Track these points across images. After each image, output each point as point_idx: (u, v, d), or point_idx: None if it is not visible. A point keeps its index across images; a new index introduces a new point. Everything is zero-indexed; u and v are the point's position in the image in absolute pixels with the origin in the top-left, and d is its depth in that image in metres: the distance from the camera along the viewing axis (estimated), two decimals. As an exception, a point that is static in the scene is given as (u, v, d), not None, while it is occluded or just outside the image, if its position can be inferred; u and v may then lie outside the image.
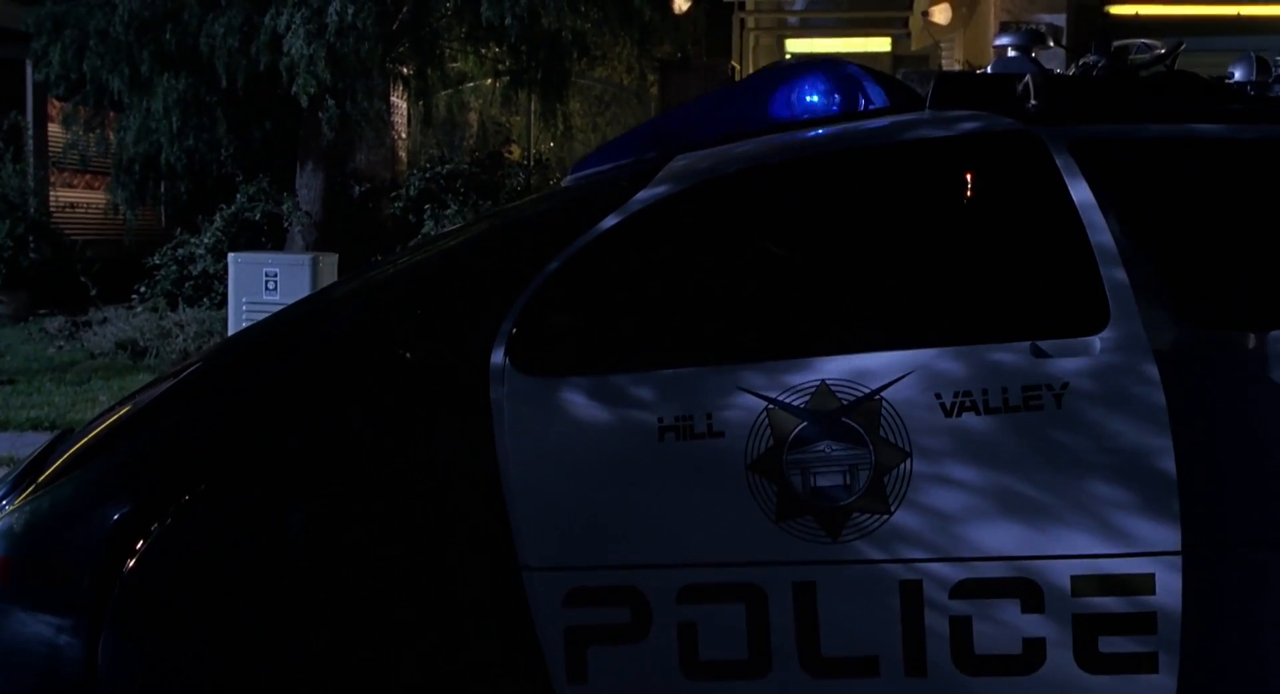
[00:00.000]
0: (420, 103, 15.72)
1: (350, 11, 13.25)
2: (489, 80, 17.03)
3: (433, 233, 14.99)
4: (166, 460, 3.50)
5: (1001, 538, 3.27)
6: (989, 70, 4.19)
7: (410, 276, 3.86)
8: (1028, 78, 3.71)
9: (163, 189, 16.32)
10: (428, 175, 15.41)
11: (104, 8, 14.28)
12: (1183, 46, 4.21)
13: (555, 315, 3.49)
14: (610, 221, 3.54)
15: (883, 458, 3.31)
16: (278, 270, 8.97)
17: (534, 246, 3.57)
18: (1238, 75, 4.05)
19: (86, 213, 19.19)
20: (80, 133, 17.01)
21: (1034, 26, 4.27)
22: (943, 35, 19.28)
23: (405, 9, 14.09)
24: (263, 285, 8.96)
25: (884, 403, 3.32)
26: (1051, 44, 4.31)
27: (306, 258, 9.05)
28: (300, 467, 3.45)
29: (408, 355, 3.54)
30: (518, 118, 17.41)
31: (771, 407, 3.34)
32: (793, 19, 22.66)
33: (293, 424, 3.50)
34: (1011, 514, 3.27)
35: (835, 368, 3.37)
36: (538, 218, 3.92)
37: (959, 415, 3.29)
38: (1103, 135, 3.48)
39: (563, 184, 4.23)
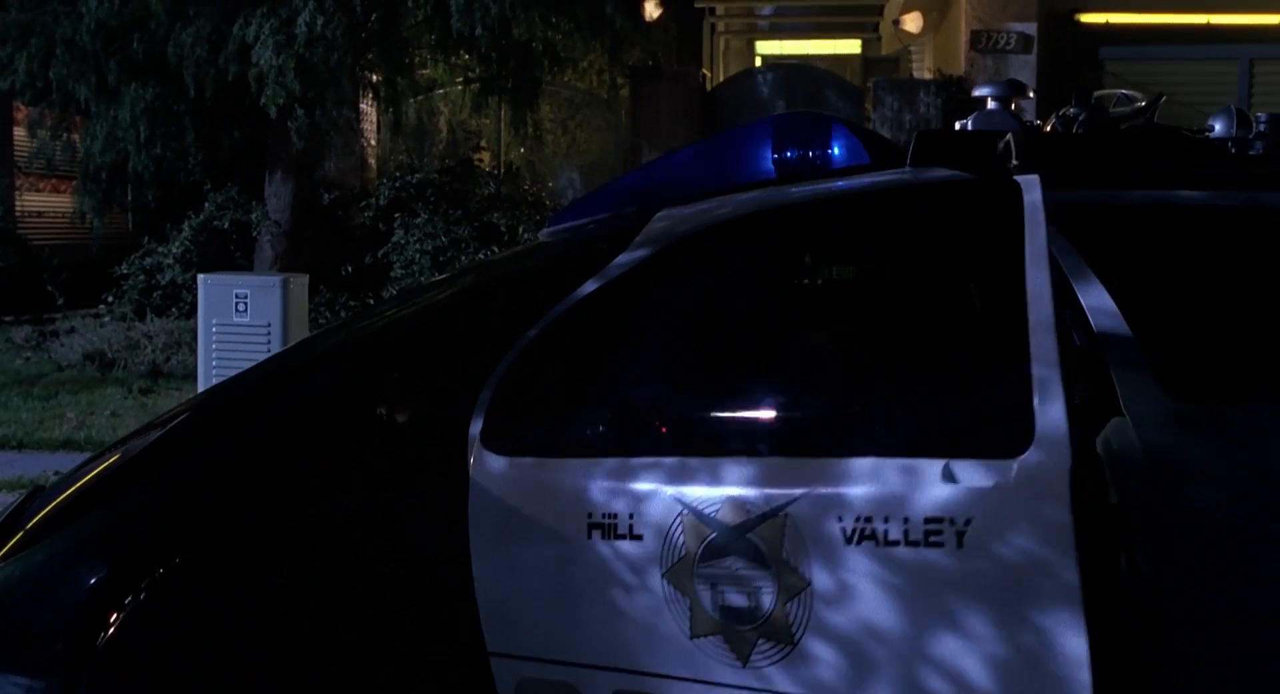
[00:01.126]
0: (390, 110, 15.63)
1: (320, 22, 13.17)
2: (459, 87, 16.96)
3: (402, 240, 14.93)
4: (140, 530, 3.45)
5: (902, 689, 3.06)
6: (969, 123, 4.15)
7: (391, 338, 3.81)
8: (1009, 136, 3.68)
9: (130, 197, 16.21)
10: (398, 184, 15.34)
11: (70, 16, 14.14)
12: (1163, 99, 4.18)
13: (527, 388, 3.42)
14: (589, 288, 3.50)
15: (786, 582, 3.10)
16: (248, 292, 8.89)
17: (514, 313, 3.52)
18: (1218, 129, 4.02)
19: (53, 219, 19.07)
20: (47, 138, 16.89)
21: (1014, 80, 4.24)
22: (913, 41, 19.31)
23: (374, 18, 14.01)
24: (233, 307, 8.89)
25: (788, 520, 3.10)
26: (1032, 94, 4.27)
27: (277, 279, 8.97)
28: (277, 537, 3.41)
29: (388, 422, 3.50)
30: (487, 120, 17.33)
31: (685, 512, 3.19)
32: (763, 22, 22.64)
33: (269, 493, 3.45)
34: (913, 664, 3.05)
35: (745, 475, 3.18)
36: (518, 280, 3.87)
37: (858, 543, 3.05)
38: (1087, 201, 3.44)
39: (540, 237, 4.18)
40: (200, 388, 9.09)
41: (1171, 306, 3.37)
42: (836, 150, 3.86)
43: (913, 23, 17.51)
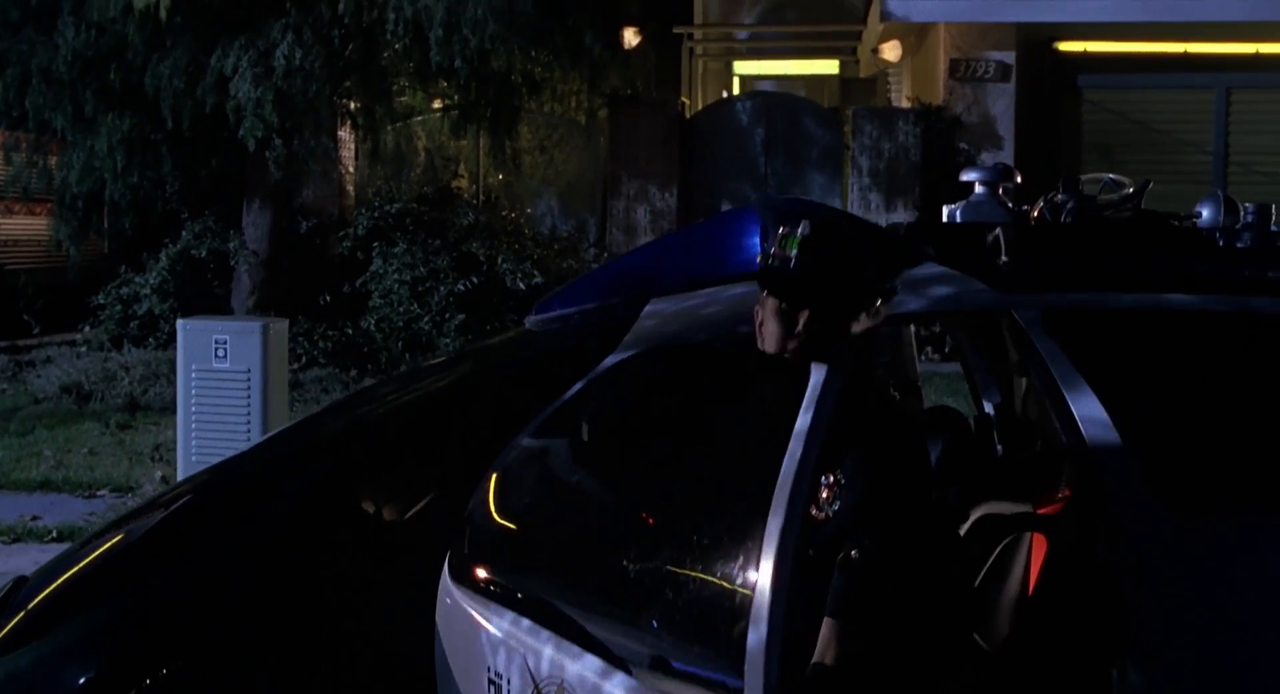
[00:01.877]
0: (368, 137, 15.61)
1: (298, 54, 13.15)
2: (437, 114, 16.94)
3: (380, 269, 14.88)
4: (125, 637, 3.41)
5: None
6: (957, 213, 4.13)
7: (384, 440, 3.76)
8: (998, 231, 3.66)
9: (106, 224, 16.15)
10: (376, 214, 15.30)
11: (46, 46, 14.10)
12: (1150, 185, 4.17)
13: (509, 503, 3.38)
14: (575, 389, 3.48)
15: None
16: (227, 337, 8.80)
17: (504, 417, 3.50)
18: (1205, 215, 4.01)
19: (29, 244, 18.96)
20: (23, 163, 16.85)
21: (1002, 165, 4.22)
22: (891, 67, 19.34)
23: (352, 48, 13.98)
24: (212, 353, 8.81)
25: None
26: (1019, 179, 4.26)
27: (257, 325, 8.89)
28: (265, 644, 3.37)
29: (378, 526, 3.47)
30: (465, 142, 17.30)
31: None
32: (741, 44, 22.66)
33: (259, 598, 3.42)
34: None
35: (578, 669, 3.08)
36: (509, 380, 3.83)
37: None
38: (1078, 305, 3.41)
39: (527, 324, 4.15)
40: (180, 435, 9.03)
41: (1164, 414, 3.34)
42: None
43: (891, 52, 17.53)
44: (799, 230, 3.06)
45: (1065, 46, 15.88)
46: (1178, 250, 3.77)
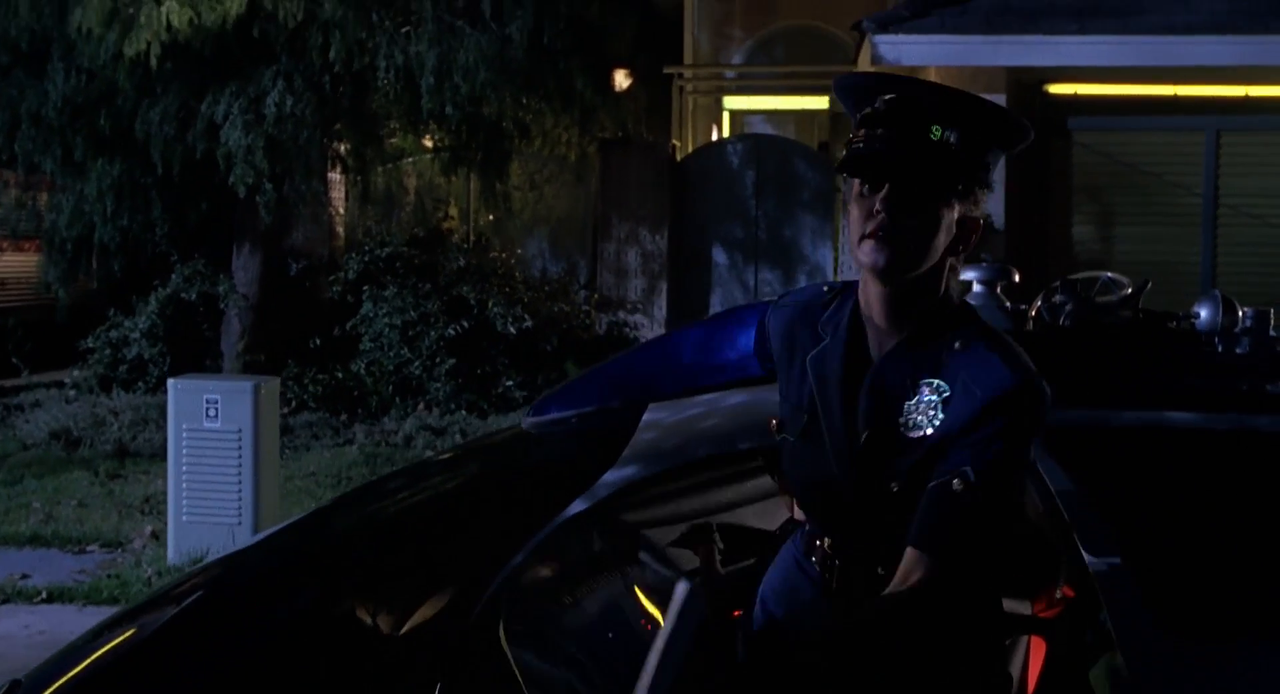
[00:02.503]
0: (358, 180, 15.61)
1: (289, 101, 13.16)
2: (428, 156, 16.95)
3: (370, 313, 14.84)
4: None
5: None
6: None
7: (385, 549, 3.72)
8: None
9: (95, 265, 16.13)
10: (366, 258, 15.28)
11: (36, 90, 14.10)
12: (1149, 285, 4.16)
13: (510, 624, 3.34)
14: (576, 508, 3.45)
15: None
16: (219, 397, 8.79)
17: (501, 534, 3.47)
18: (1203, 316, 4.00)
19: (16, 284, 18.92)
20: (11, 203, 16.85)
21: (999, 264, 4.20)
22: (881, 106, 19.35)
23: (343, 94, 13.99)
24: (203, 412, 8.80)
25: None
26: (1016, 277, 4.24)
27: (248, 385, 8.87)
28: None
29: (377, 642, 3.42)
30: (455, 181, 17.31)
31: None
32: (730, 74, 22.68)
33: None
34: None
35: None
36: (508, 493, 3.80)
37: None
38: (1078, 423, 3.38)
39: (524, 425, 4.12)
40: (170, 493, 9.01)
41: (1166, 536, 3.32)
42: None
43: (881, 94, 17.55)
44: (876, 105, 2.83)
45: (1055, 89, 15.90)
46: (1177, 362, 3.75)
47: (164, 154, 13.88)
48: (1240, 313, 3.97)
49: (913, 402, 2.81)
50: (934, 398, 2.80)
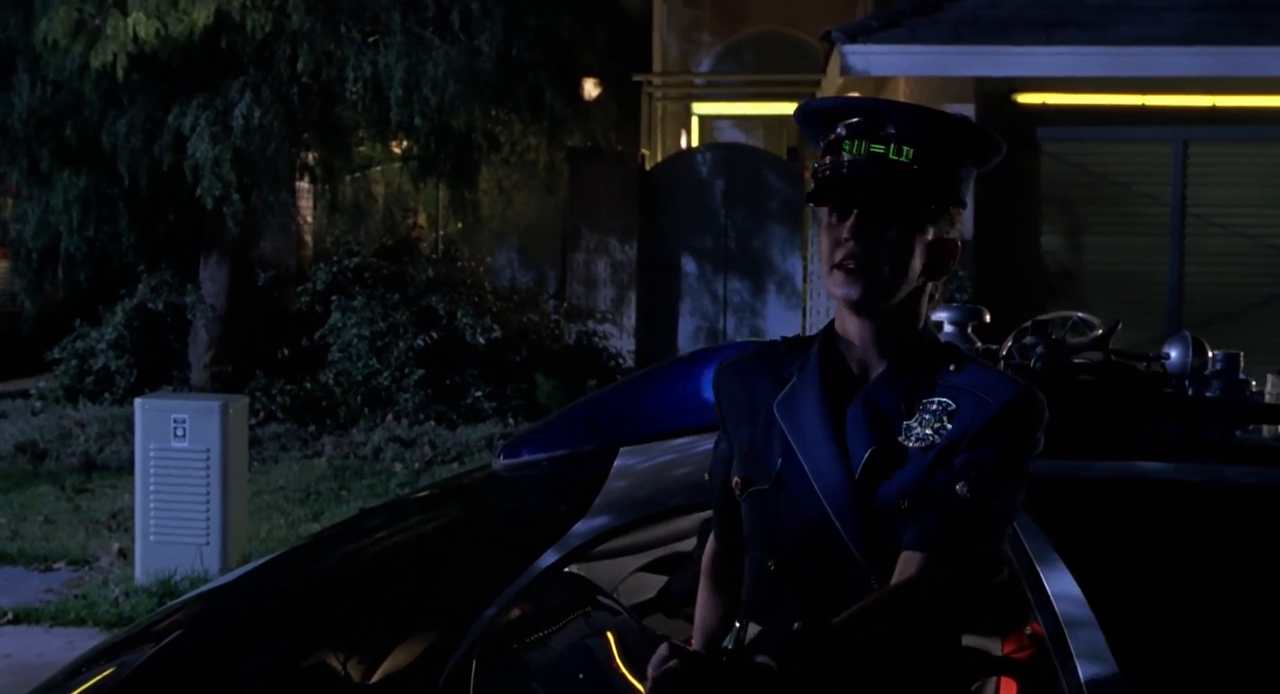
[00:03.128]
0: (326, 190, 15.55)
1: (257, 113, 13.10)
2: (396, 165, 16.89)
3: (339, 323, 14.78)
4: None
5: None
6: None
7: (354, 599, 3.69)
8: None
9: (61, 276, 16.04)
10: (335, 269, 15.22)
11: (1, 101, 14.01)
12: (1119, 326, 4.15)
13: (481, 676, 3.33)
14: (548, 559, 3.44)
15: None
16: (186, 417, 8.74)
17: (474, 583, 3.45)
18: (1173, 357, 4.00)
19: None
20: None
21: (971, 305, 4.20)
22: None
23: (312, 105, 13.93)
24: (171, 432, 8.75)
25: None
26: (988, 317, 4.24)
27: (216, 404, 8.82)
28: None
29: (346, 689, 3.40)
30: (424, 190, 17.24)
31: None
32: (699, 90, 22.70)
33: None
34: None
35: None
36: (481, 540, 3.78)
37: None
38: (1050, 474, 3.35)
39: (494, 467, 4.11)
40: (138, 513, 8.96)
41: (1140, 591, 3.31)
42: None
43: (850, 103, 17.55)
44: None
45: (1024, 99, 15.92)
46: (1149, 409, 3.75)
47: (131, 165, 13.81)
48: (1210, 355, 3.97)
49: (913, 419, 2.72)
50: (939, 411, 2.71)
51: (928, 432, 2.71)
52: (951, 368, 2.75)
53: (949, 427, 2.69)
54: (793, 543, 2.82)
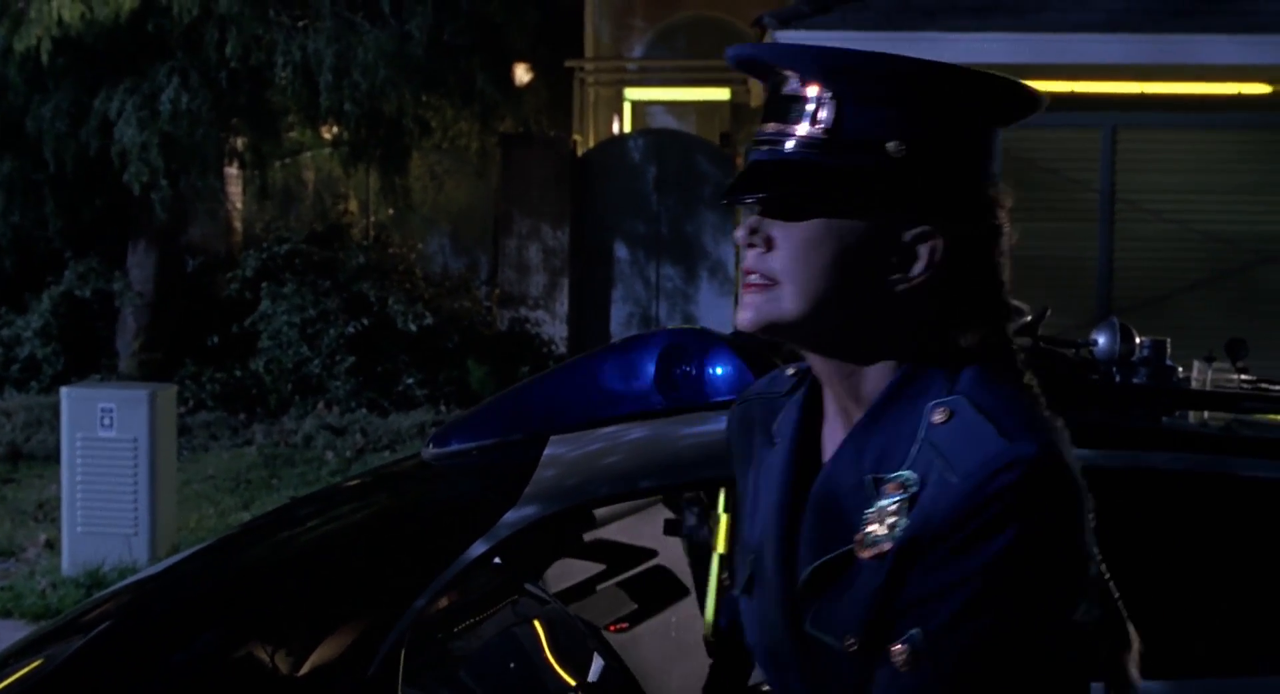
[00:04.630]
0: (255, 175, 15.43)
1: (184, 98, 12.98)
2: (326, 151, 16.78)
3: (269, 310, 14.68)
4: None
5: None
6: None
7: (282, 590, 3.66)
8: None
9: (-17, 263, 15.86)
10: (264, 255, 15.10)
11: (-79, 84, 13.85)
12: (1048, 312, 4.16)
13: (410, 667, 3.30)
14: (477, 550, 3.41)
15: None
16: (114, 405, 8.66)
17: (403, 573, 3.43)
18: (1101, 343, 4.01)
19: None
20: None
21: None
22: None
23: (241, 90, 13.82)
24: (98, 421, 8.66)
25: None
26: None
27: (144, 393, 8.74)
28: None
29: (277, 684, 3.38)
30: (355, 176, 17.13)
31: None
32: (632, 74, 22.66)
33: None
34: None
35: None
36: (409, 530, 3.76)
37: None
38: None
39: (423, 456, 4.08)
40: (64, 503, 8.87)
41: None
42: (720, 373, 3.80)
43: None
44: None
45: (954, 85, 16.02)
46: (1074, 396, 3.76)
47: (56, 151, 13.66)
48: (1138, 341, 3.99)
49: (872, 510, 1.79)
50: (898, 496, 1.77)
51: (881, 532, 1.78)
52: (936, 417, 1.79)
53: (904, 523, 1.76)
54: (764, 668, 2.06)
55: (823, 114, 1.84)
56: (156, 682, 3.46)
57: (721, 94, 22.83)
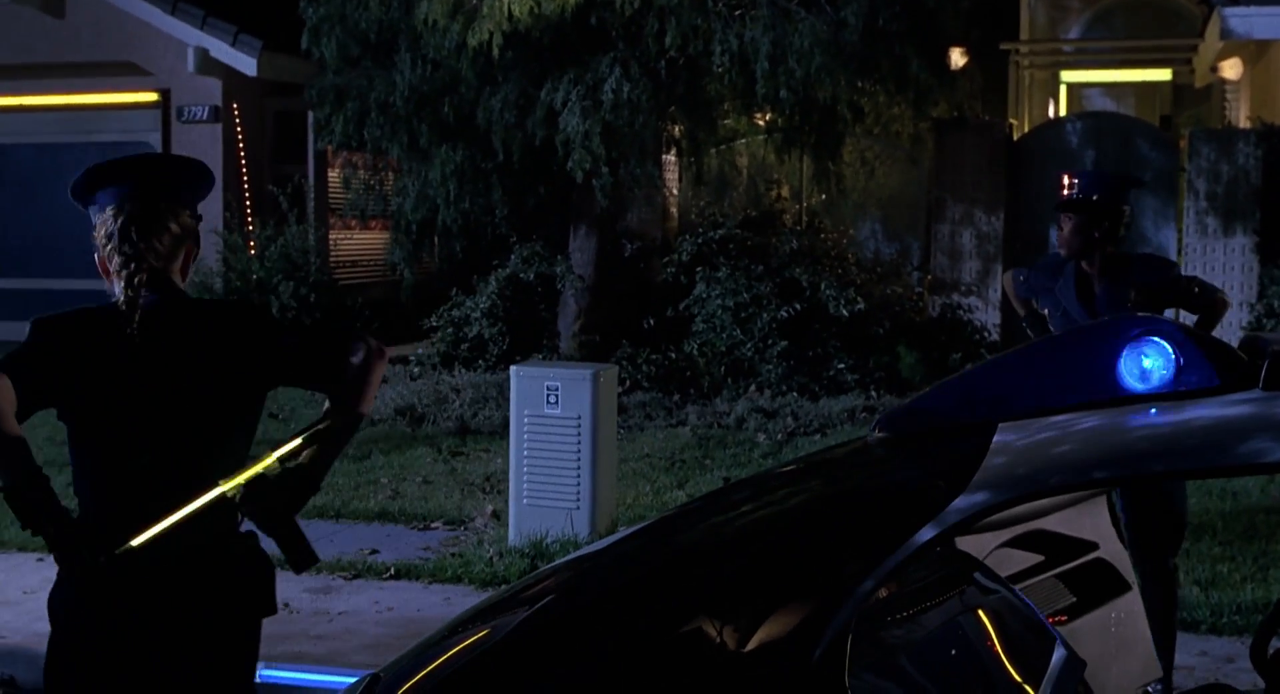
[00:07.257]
0: (691, 162, 15.73)
1: (625, 88, 13.34)
2: (760, 138, 16.97)
3: (703, 294, 14.94)
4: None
5: None
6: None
7: (726, 570, 3.72)
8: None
9: (438, 247, 16.68)
10: (700, 240, 15.41)
11: (384, 81, 14.63)
12: None
13: (856, 650, 3.30)
14: (926, 535, 3.40)
15: None
16: (559, 384, 9.00)
17: (848, 559, 3.44)
18: None
19: (364, 264, 19.73)
20: (360, 189, 17.57)
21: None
22: (1230, 83, 18.63)
23: (678, 79, 14.11)
24: (544, 399, 9.01)
25: None
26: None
27: (588, 373, 9.05)
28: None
29: (724, 658, 3.44)
30: (788, 160, 17.25)
31: None
32: (1068, 56, 22.14)
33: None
34: None
35: None
36: (854, 513, 3.77)
37: None
38: None
39: (868, 439, 4.10)
40: (512, 477, 9.26)
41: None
42: (1184, 363, 3.67)
43: (1231, 70, 16.89)
44: None
45: None
46: None
47: (504, 140, 14.27)
48: None
49: None
50: None
51: None
52: None
53: None
54: None
55: None
56: (600, 654, 3.58)
57: (1162, 75, 22.11)
